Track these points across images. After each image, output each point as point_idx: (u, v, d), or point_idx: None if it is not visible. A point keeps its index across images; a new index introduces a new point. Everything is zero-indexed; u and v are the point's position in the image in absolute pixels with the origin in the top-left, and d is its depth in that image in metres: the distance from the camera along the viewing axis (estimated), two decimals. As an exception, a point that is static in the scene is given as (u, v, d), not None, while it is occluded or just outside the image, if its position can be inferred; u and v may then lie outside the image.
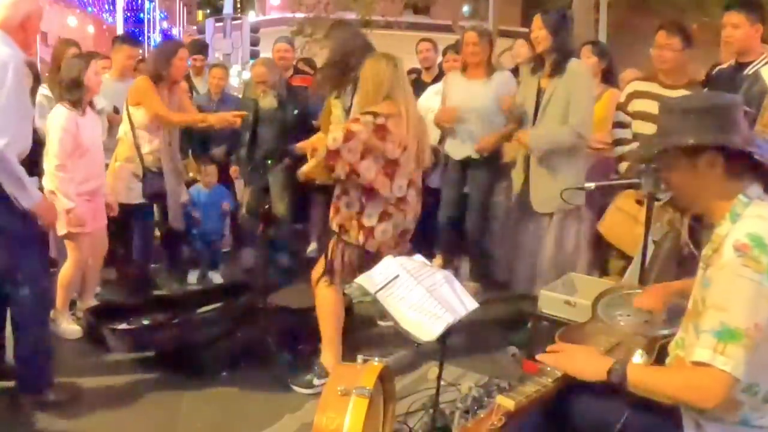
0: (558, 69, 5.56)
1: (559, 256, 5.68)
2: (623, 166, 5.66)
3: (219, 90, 8.45)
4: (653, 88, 5.56)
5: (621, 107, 5.80)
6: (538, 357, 2.93)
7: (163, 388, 4.92)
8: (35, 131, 5.02)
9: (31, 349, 4.49)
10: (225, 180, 8.00)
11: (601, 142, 6.17)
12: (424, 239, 6.81)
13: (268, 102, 7.28)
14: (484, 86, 6.67)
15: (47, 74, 6.77)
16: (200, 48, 9.94)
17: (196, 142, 7.95)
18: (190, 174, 7.71)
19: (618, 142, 5.81)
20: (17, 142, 4.18)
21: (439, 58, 8.56)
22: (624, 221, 5.44)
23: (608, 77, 6.81)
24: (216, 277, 7.37)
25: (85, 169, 5.62)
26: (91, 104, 5.76)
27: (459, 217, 6.92)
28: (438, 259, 7.02)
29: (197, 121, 6.66)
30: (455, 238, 7.05)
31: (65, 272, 5.73)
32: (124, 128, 6.42)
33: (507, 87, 6.68)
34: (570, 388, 2.80)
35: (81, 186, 5.60)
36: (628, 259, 5.48)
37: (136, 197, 6.38)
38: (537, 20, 5.59)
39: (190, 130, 7.34)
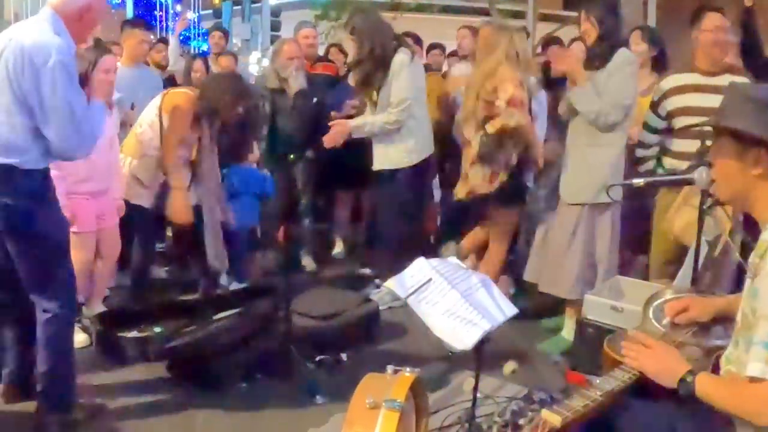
0: (605, 61, 5.52)
1: (591, 253, 5.67)
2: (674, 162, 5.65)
3: None
4: (693, 79, 5.58)
5: (653, 107, 5.85)
6: (623, 351, 2.94)
7: (176, 400, 4.93)
8: None
9: (57, 366, 4.39)
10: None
11: None
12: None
13: (299, 83, 7.26)
14: None
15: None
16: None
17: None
18: None
19: (641, 145, 5.96)
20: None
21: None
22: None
23: (659, 65, 6.75)
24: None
25: (83, 170, 5.58)
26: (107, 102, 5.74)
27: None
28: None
29: (176, 190, 6.20)
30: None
31: None
32: (142, 121, 6.25)
33: None
34: (618, 400, 2.79)
35: (80, 185, 5.60)
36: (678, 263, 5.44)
37: (135, 197, 6.25)
38: (582, 14, 5.60)
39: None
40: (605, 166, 5.50)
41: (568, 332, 5.79)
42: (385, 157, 6.60)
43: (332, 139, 6.65)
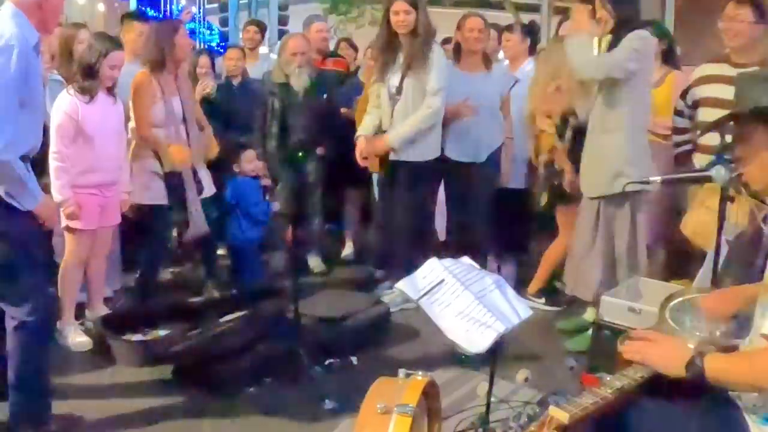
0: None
1: (611, 249, 5.64)
2: (700, 157, 5.61)
3: (238, 73, 8.41)
4: (724, 69, 5.53)
5: (683, 95, 5.87)
6: (622, 348, 2.93)
7: (181, 407, 4.92)
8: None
9: (27, 377, 4.31)
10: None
11: (664, 127, 6.15)
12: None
13: (302, 81, 7.25)
14: (486, 81, 6.73)
15: (58, 59, 6.51)
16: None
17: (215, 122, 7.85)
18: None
19: (677, 131, 5.98)
20: (21, 140, 4.04)
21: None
22: (713, 222, 5.35)
23: (669, 59, 6.80)
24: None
25: (88, 160, 5.58)
26: (110, 92, 5.78)
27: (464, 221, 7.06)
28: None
29: (162, 150, 6.23)
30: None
31: (62, 271, 5.71)
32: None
33: (507, 82, 6.77)
34: (630, 400, 2.78)
35: (86, 177, 5.58)
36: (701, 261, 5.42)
37: (153, 197, 6.26)
38: (597, 1, 5.56)
39: (208, 111, 7.25)
40: (614, 151, 5.46)
41: (594, 331, 5.78)
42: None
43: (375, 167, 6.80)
